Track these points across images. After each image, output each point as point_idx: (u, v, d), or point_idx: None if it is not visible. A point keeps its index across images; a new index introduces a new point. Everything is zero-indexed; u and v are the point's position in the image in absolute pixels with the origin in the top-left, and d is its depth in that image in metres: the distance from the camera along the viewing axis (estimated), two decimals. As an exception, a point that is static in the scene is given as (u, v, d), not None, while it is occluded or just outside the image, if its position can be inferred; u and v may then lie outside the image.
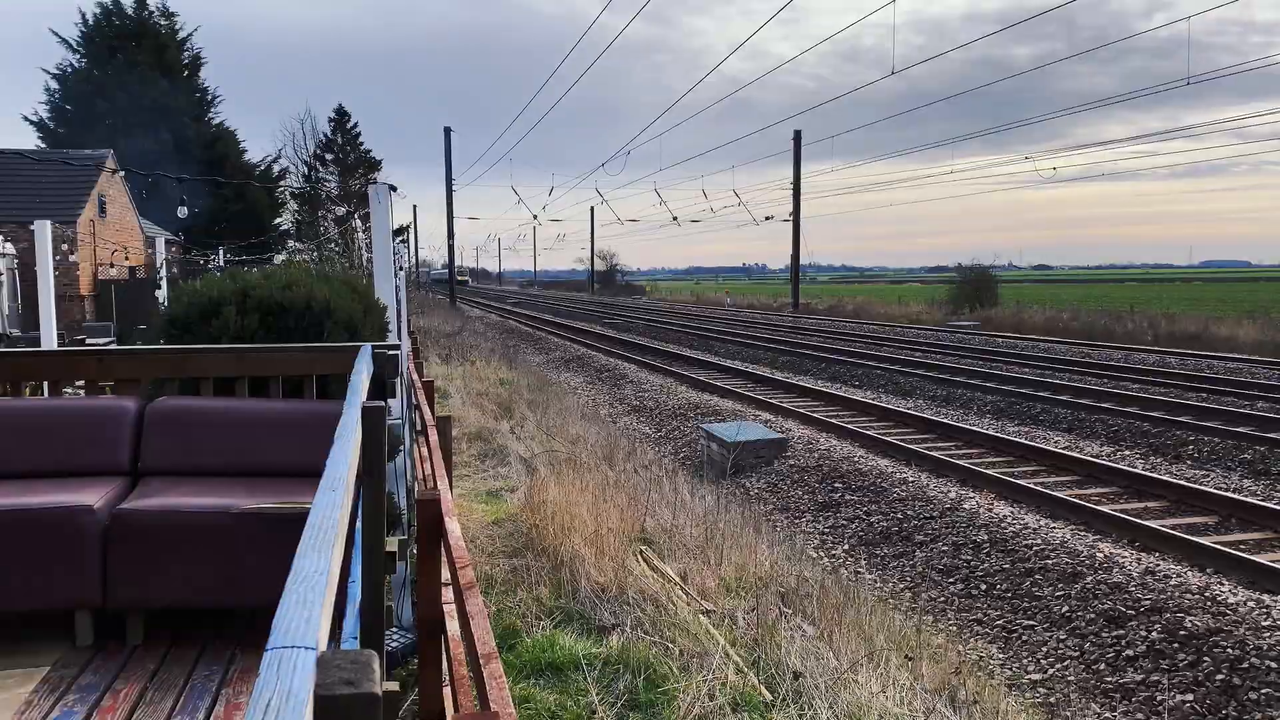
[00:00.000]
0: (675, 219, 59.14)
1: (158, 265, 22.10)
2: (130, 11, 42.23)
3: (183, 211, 23.21)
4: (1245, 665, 6.12)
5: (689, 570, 6.59)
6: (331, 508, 1.37)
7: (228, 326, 4.92)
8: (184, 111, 41.51)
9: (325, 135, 50.28)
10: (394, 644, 4.96)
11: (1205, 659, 6.31)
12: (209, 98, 46.09)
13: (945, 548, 9.06)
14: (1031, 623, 7.45)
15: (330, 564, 1.14)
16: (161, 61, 41.49)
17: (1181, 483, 10.42)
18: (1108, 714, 6.14)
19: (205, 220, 39.56)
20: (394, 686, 3.49)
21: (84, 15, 41.61)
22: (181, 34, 44.61)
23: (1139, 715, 6.04)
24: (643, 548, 6.98)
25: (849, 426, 14.26)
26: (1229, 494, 9.98)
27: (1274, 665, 6.04)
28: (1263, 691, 5.86)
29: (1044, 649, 7.05)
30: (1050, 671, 6.76)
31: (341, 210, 46.45)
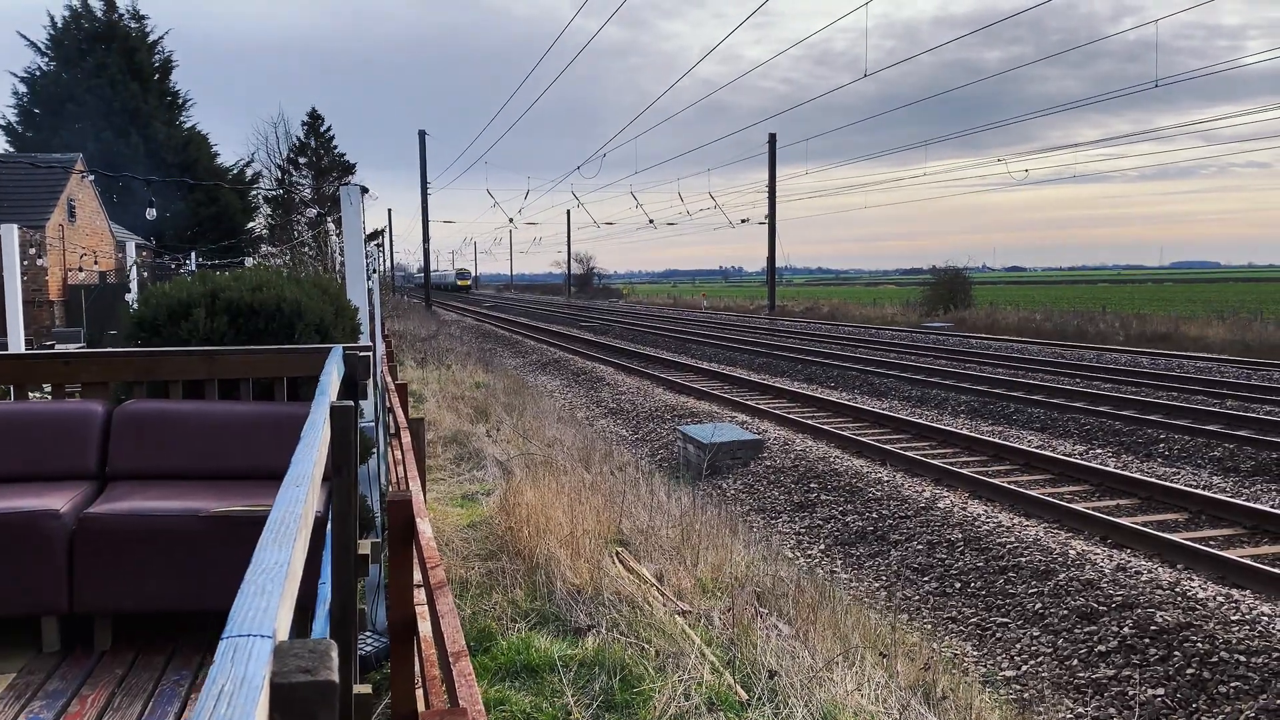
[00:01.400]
0: (652, 222, 59.24)
1: (128, 269, 21.88)
2: (99, 14, 41.80)
3: (151, 213, 22.95)
4: (1215, 659, 6.19)
5: (665, 571, 6.59)
6: (295, 503, 1.36)
7: (197, 328, 4.87)
8: (155, 115, 41.13)
9: (299, 139, 49.92)
10: (368, 648, 4.93)
11: (1176, 653, 6.38)
12: (180, 101, 45.70)
13: (920, 546, 9.11)
14: (1005, 620, 7.50)
15: (292, 557, 1.13)
16: (131, 64, 41.09)
17: (1152, 480, 10.53)
18: (1080, 709, 6.19)
19: (177, 224, 39.21)
20: (366, 689, 3.46)
21: (52, 18, 41.19)
22: (152, 37, 44.20)
23: (1111, 710, 6.09)
24: (619, 549, 6.97)
25: (825, 427, 14.31)
26: (1199, 491, 10.09)
27: (1243, 659, 6.11)
28: (1232, 685, 5.93)
29: (1018, 646, 7.11)
30: (1024, 668, 6.81)
31: (315, 213, 46.18)
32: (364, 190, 5.59)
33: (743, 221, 54.74)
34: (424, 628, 2.99)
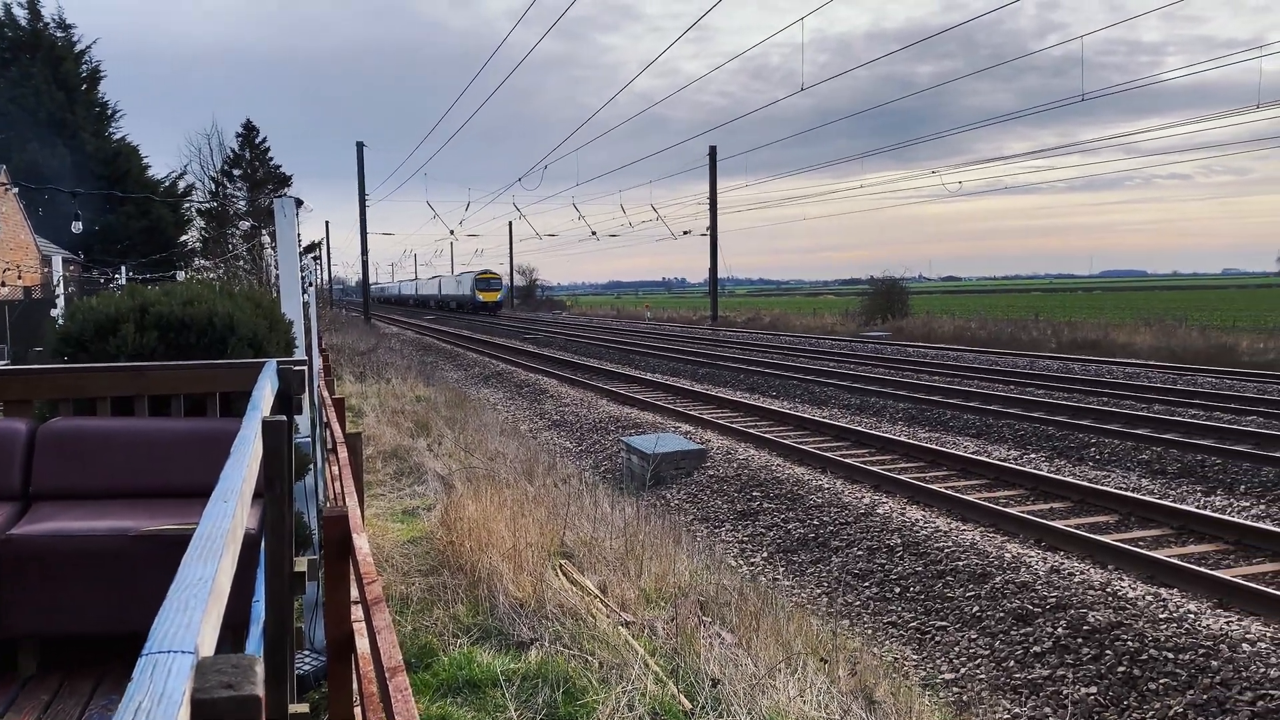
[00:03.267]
0: (594, 233, 59.28)
1: (54, 284, 21.27)
2: (23, 23, 40.70)
3: (77, 226, 22.34)
4: (1145, 657, 6.36)
5: (609, 582, 6.58)
6: (221, 518, 1.33)
7: (126, 344, 4.75)
8: (82, 126, 40.13)
9: (233, 150, 49.02)
10: (307, 666, 4.85)
11: (1108, 652, 6.53)
12: (109, 112, 44.67)
13: (860, 552, 9.22)
14: (944, 623, 7.62)
15: (217, 573, 1.11)
16: (57, 74, 40.06)
17: (1084, 483, 10.79)
18: (1017, 709, 6.31)
19: (107, 238, 38.25)
20: (303, 709, 3.41)
21: (-26, 27, 40.00)
22: (79, 46, 43.15)
23: (1047, 709, 6.22)
24: (562, 561, 6.94)
25: (766, 436, 14.43)
26: (1128, 493, 10.37)
27: (1171, 656, 6.29)
28: (1161, 681, 6.09)
29: (956, 648, 7.22)
30: (962, 670, 6.92)
31: (249, 226, 45.39)
32: (299, 203, 5.52)
33: (685, 233, 55.07)
34: (362, 644, 2.95)
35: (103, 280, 31.52)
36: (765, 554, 9.84)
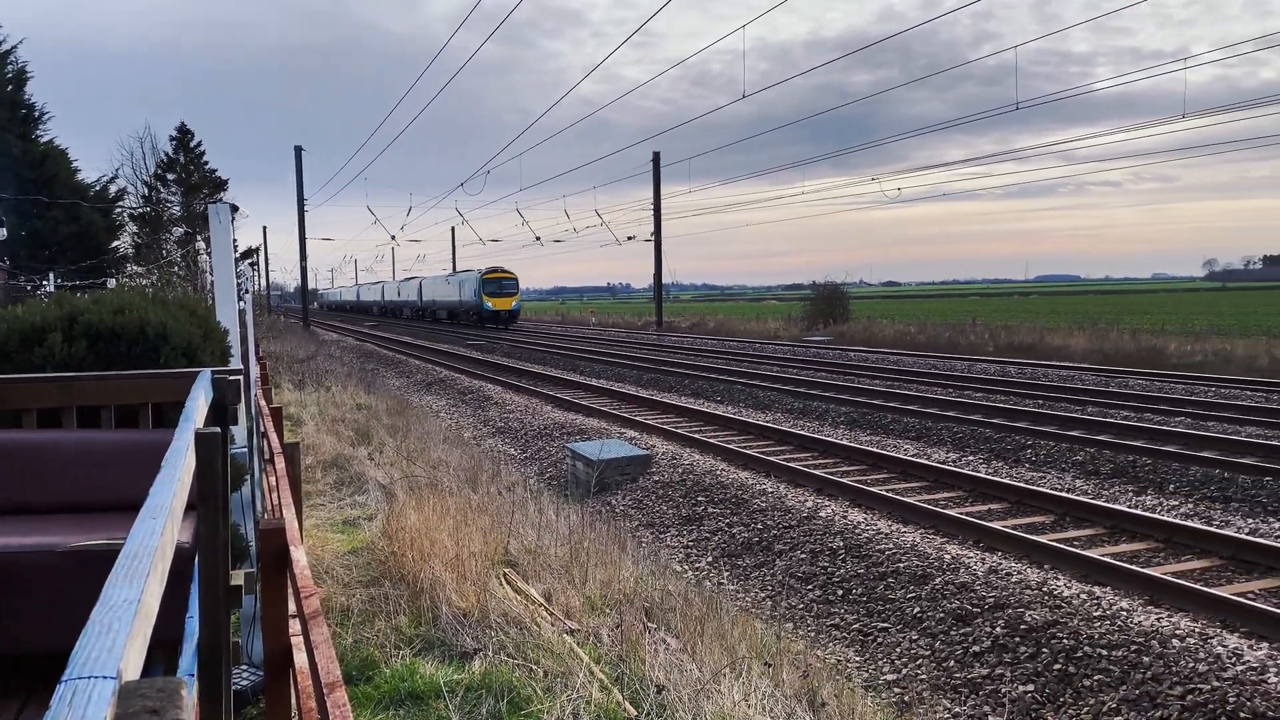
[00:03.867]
0: (538, 239, 59.14)
1: (-21, 292, 20.61)
2: (-55, 21, 39.41)
3: (1, 232, 21.66)
4: (1080, 654, 6.51)
5: (553, 590, 6.56)
6: (150, 535, 1.30)
7: (53, 354, 4.61)
8: (7, 128, 38.91)
9: (167, 154, 47.89)
10: (244, 682, 4.75)
11: (1044, 650, 6.67)
12: (36, 114, 43.36)
13: (803, 555, 9.30)
14: (886, 625, 7.72)
15: (144, 593, 1.09)
16: (-19, 75, 38.81)
17: (1021, 485, 11.01)
18: (957, 709, 6.41)
19: (33, 243, 37.12)
20: (240, 726, 3.33)
21: (-109, 24, 38.58)
22: (4, 47, 41.86)
23: (986, 708, 6.33)
24: (506, 570, 6.90)
25: (711, 441, 14.49)
26: (1063, 494, 10.60)
27: (1105, 653, 6.44)
28: (1095, 678, 6.23)
29: (898, 649, 7.32)
30: (904, 671, 7.01)
31: (183, 232, 44.42)
32: (234, 208, 5.42)
33: (629, 239, 55.23)
34: (300, 659, 2.90)
35: (29, 287, 30.56)
36: (710, 559, 9.88)
